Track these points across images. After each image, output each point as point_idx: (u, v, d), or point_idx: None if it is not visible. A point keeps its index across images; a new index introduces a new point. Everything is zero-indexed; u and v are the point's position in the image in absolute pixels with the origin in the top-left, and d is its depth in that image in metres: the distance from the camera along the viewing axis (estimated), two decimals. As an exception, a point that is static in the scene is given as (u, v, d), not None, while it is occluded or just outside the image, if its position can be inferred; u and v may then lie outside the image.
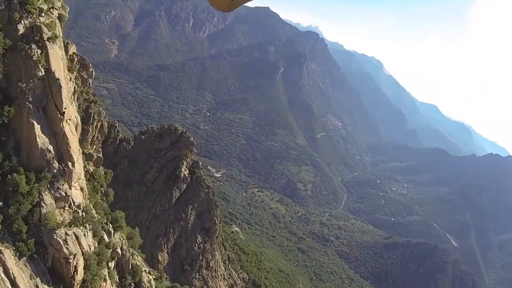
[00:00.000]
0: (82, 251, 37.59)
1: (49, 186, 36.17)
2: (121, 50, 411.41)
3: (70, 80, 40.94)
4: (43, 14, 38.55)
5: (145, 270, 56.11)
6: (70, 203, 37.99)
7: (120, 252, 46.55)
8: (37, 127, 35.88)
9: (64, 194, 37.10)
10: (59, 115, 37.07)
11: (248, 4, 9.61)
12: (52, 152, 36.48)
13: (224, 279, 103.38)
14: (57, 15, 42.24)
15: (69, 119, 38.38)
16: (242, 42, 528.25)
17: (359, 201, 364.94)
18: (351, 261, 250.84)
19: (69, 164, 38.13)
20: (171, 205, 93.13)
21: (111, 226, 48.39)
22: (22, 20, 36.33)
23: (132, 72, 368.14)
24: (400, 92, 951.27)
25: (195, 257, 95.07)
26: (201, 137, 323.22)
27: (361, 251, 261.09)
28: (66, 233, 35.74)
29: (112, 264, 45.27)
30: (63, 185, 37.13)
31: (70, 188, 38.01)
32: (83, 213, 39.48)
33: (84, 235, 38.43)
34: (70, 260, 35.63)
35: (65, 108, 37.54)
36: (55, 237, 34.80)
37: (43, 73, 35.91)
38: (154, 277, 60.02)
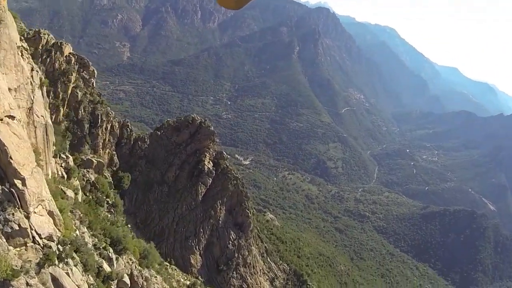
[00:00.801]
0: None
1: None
2: (133, 51, 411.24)
3: (33, 70, 32.85)
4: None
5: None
6: (34, 237, 24.65)
7: (128, 281, 36.39)
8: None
9: (18, 227, 23.37)
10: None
11: None
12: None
13: (264, 273, 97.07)
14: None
15: (10, 117, 24.84)
16: (254, 27, 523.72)
17: (391, 173, 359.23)
18: (390, 236, 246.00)
19: (17, 182, 24.06)
20: (197, 203, 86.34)
21: (111, 251, 37.41)
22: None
23: (147, 71, 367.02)
24: (418, 58, 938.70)
25: (230, 255, 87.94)
26: (224, 126, 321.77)
27: (399, 224, 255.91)
28: (27, 283, 22.31)
29: (120, 299, 35.60)
30: (13, 214, 23.40)
31: (29, 216, 24.62)
32: (60, 246, 27.17)
33: (68, 273, 26.64)
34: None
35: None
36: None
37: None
38: (188, 282, 56.25)
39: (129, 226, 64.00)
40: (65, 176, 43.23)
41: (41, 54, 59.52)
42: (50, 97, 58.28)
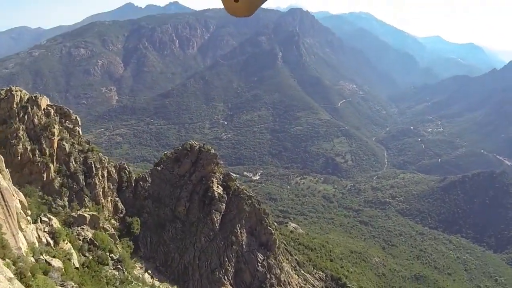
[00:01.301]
0: None
1: None
2: (120, 93, 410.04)
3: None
4: None
5: None
6: None
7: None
8: None
9: None
10: None
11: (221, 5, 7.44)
12: None
13: (301, 287, 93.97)
14: None
15: None
16: (233, 43, 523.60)
17: (401, 154, 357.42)
18: (415, 216, 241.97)
19: None
20: (216, 232, 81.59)
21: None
22: None
23: (138, 110, 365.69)
24: (399, 35, 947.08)
25: (262, 278, 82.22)
26: (227, 147, 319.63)
27: (421, 203, 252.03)
28: None
29: None
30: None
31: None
32: None
33: None
34: None
35: None
36: None
37: None
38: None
39: (149, 272, 61.26)
40: (51, 241, 39.38)
41: (17, 112, 57.35)
42: (37, 155, 55.90)
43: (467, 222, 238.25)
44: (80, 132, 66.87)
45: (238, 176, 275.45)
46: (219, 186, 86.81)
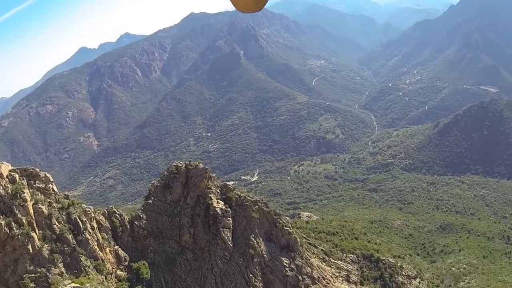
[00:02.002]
0: None
1: None
2: (98, 137, 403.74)
3: None
4: None
5: None
6: None
7: None
8: None
9: None
10: None
11: (175, 21, 7.75)
12: None
13: (336, 277, 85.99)
14: None
15: None
16: (193, 56, 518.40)
17: (388, 113, 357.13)
18: (421, 168, 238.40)
19: None
20: (230, 250, 73.44)
21: None
22: None
23: (121, 149, 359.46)
24: (350, 0, 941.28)
25: (295, 282, 75.01)
26: (217, 157, 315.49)
27: (423, 153, 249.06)
28: None
29: None
30: None
31: None
32: None
33: None
34: None
35: None
36: None
37: None
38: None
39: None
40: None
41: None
42: (14, 228, 50.44)
43: (473, 158, 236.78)
44: (55, 189, 60.83)
45: (236, 182, 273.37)
46: (219, 201, 78.86)
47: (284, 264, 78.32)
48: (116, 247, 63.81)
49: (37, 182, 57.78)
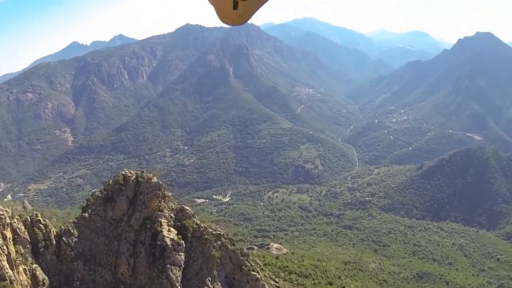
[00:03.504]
0: None
1: None
2: (75, 134, 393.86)
3: None
4: None
5: None
6: None
7: None
8: None
9: None
10: None
11: (169, 30, 8.19)
12: None
13: None
14: None
15: None
16: (182, 66, 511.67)
17: (371, 149, 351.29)
18: (399, 210, 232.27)
19: None
20: None
21: None
22: None
23: (95, 149, 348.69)
24: (346, 33, 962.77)
25: None
26: (191, 172, 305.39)
27: (403, 194, 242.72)
28: None
29: None
30: None
31: None
32: None
33: None
34: None
35: None
36: None
37: None
38: None
39: None
40: None
41: None
42: None
43: (454, 205, 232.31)
44: None
45: (207, 200, 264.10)
46: (171, 229, 63.33)
47: (246, 317, 61.74)
48: (35, 265, 50.43)
49: None
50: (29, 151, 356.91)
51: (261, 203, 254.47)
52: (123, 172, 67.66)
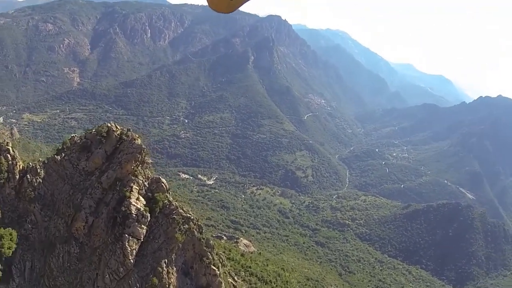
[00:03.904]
0: None
1: None
2: (82, 76, 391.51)
3: None
4: None
5: None
6: None
7: None
8: None
9: None
10: None
11: (203, 2, 9.21)
12: None
13: None
14: None
15: None
16: (206, 41, 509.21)
17: (364, 175, 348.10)
18: (375, 242, 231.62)
19: None
20: (128, 267, 53.17)
21: None
22: None
23: (98, 96, 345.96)
24: (373, 57, 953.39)
25: None
26: (184, 146, 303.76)
27: (382, 228, 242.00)
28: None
29: None
30: None
31: None
32: None
33: None
34: None
35: None
36: None
37: None
38: None
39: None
40: None
41: None
42: None
43: (428, 253, 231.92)
44: None
45: (191, 178, 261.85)
46: (140, 198, 57.82)
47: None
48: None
49: None
50: (33, 80, 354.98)
51: (243, 196, 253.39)
52: (108, 125, 62.70)
